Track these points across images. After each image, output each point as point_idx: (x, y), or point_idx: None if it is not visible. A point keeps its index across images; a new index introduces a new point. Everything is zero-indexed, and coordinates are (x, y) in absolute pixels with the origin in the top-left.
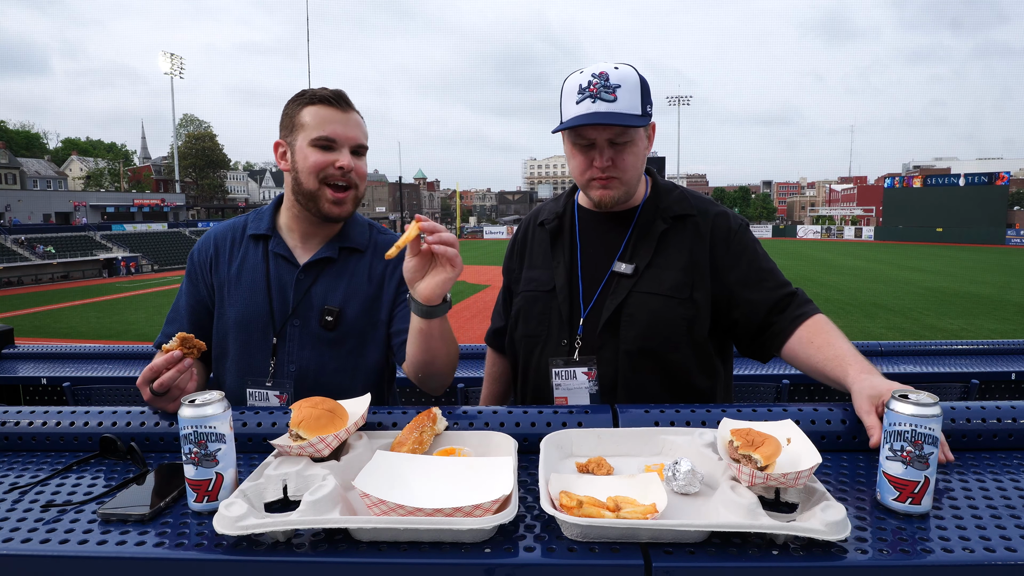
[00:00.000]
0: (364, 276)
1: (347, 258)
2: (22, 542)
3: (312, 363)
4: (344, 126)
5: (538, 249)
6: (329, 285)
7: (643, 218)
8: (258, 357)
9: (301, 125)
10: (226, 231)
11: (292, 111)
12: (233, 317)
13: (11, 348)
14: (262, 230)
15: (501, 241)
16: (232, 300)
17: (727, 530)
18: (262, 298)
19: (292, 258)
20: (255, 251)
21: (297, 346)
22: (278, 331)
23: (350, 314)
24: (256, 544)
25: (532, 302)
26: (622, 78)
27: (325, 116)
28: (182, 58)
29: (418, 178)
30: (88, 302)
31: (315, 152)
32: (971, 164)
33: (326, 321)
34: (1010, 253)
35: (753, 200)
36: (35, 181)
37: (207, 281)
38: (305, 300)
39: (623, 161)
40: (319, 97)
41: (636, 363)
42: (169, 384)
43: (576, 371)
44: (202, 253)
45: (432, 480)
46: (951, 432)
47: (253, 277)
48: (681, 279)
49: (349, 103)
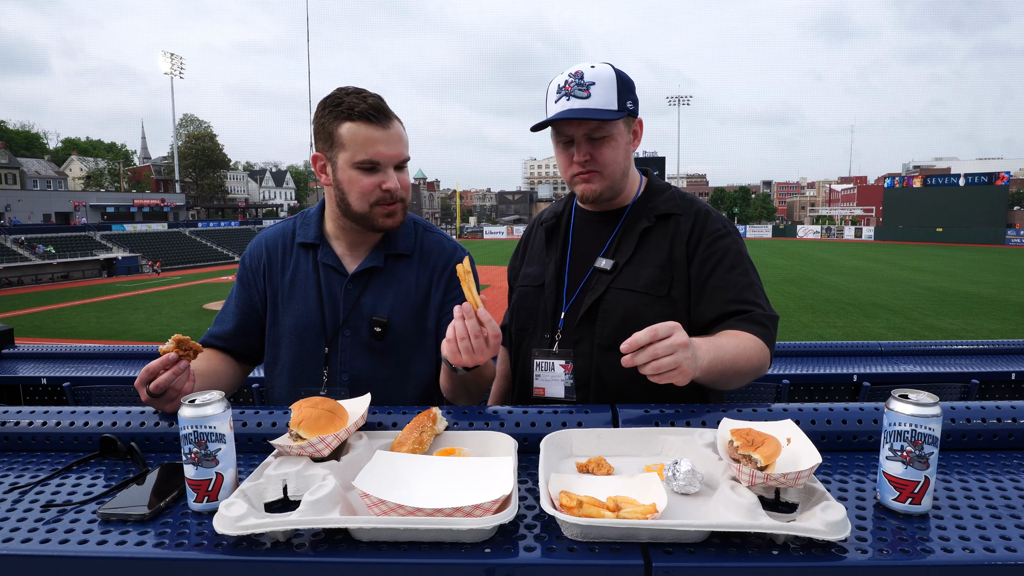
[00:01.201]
0: (411, 284)
1: (394, 265)
2: (22, 542)
3: (364, 372)
4: (387, 145)
5: (537, 246)
6: (377, 294)
7: (631, 216)
8: (311, 366)
9: (341, 143)
10: (276, 237)
11: (329, 124)
12: (288, 326)
13: (11, 348)
14: (310, 239)
15: (501, 241)
16: (287, 309)
17: (727, 530)
18: (314, 308)
19: (341, 267)
20: (306, 260)
21: (350, 355)
22: (330, 341)
23: (398, 324)
24: (256, 544)
25: (524, 297)
26: (596, 75)
27: (367, 136)
28: (182, 58)
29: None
30: (88, 302)
31: (360, 175)
32: (971, 164)
33: (375, 332)
34: (1010, 253)
35: (753, 200)
36: (35, 181)
37: (259, 288)
38: (355, 310)
39: (601, 155)
40: (358, 113)
41: (609, 358)
42: (165, 386)
43: (554, 363)
44: (254, 259)
45: (432, 480)
46: (951, 432)
47: (305, 287)
48: (658, 276)
49: (388, 115)
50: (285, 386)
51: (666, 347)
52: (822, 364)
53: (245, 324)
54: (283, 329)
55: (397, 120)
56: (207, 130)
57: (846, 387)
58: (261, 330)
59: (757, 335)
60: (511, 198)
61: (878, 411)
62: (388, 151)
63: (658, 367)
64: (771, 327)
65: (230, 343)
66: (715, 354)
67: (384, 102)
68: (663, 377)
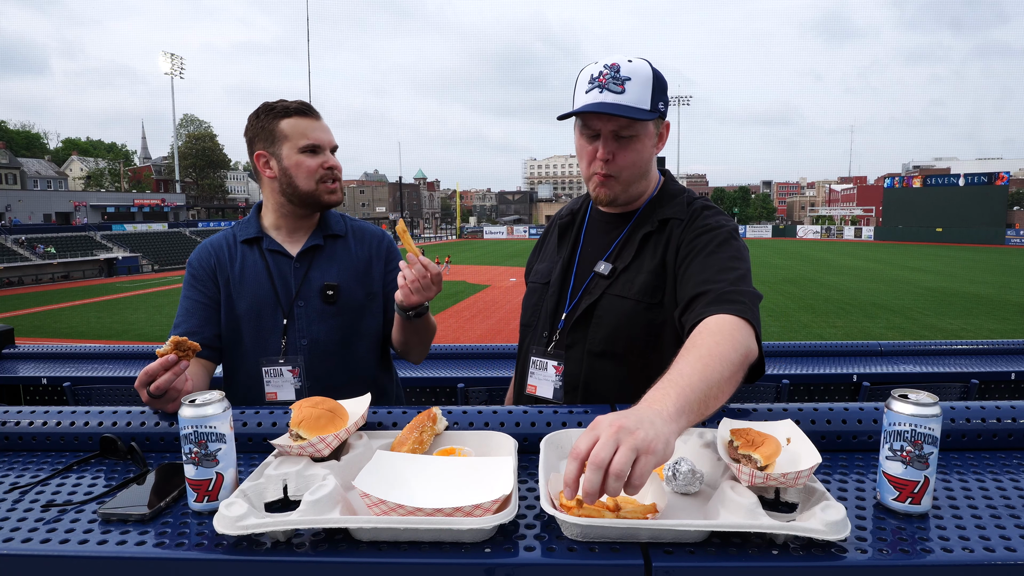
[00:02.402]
0: (351, 256)
1: (332, 244)
2: (22, 542)
3: (321, 335)
4: (323, 132)
5: (551, 244)
6: (323, 267)
7: (638, 221)
8: (270, 339)
9: (284, 135)
10: (219, 241)
11: (268, 124)
12: (244, 308)
13: (11, 348)
14: (252, 234)
15: (501, 241)
16: (240, 294)
17: (727, 530)
18: (267, 289)
19: (285, 251)
20: (251, 253)
21: (306, 322)
22: (287, 313)
23: (346, 288)
24: (256, 544)
25: (531, 293)
26: (633, 71)
27: (305, 126)
28: (182, 58)
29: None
30: (88, 302)
31: (305, 158)
32: (971, 164)
33: (327, 296)
34: (1010, 253)
35: (753, 200)
36: (35, 181)
37: (214, 281)
38: (305, 283)
39: (624, 156)
40: (294, 110)
41: (598, 364)
42: (165, 387)
43: (548, 363)
44: (203, 260)
45: (432, 480)
46: (951, 432)
47: (255, 272)
48: (651, 283)
49: (316, 111)
50: (250, 362)
51: (603, 446)
52: (822, 364)
53: (206, 315)
54: (239, 311)
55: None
56: (207, 130)
57: (846, 387)
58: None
59: (725, 313)
60: (511, 198)
61: (878, 411)
62: (324, 136)
63: (619, 471)
64: (747, 300)
65: (200, 337)
66: (678, 389)
67: (310, 104)
68: (636, 475)
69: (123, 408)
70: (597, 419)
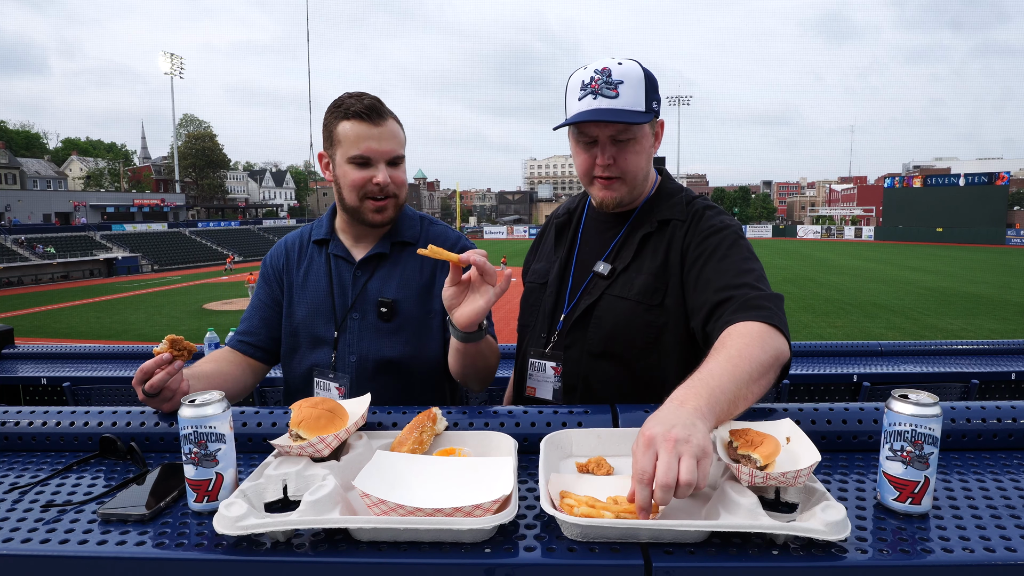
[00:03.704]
0: (416, 268)
1: (400, 252)
2: (22, 542)
3: (371, 353)
4: (378, 141)
5: (548, 243)
6: (383, 279)
7: (636, 221)
8: (323, 350)
9: (339, 140)
10: (295, 238)
11: (330, 123)
12: (301, 316)
13: (11, 348)
14: (322, 235)
15: (501, 241)
16: (300, 300)
17: (727, 530)
18: (324, 295)
19: (349, 257)
20: (319, 255)
21: (356, 338)
22: (339, 324)
23: (404, 304)
24: (256, 544)
25: (529, 293)
26: (625, 74)
27: (359, 133)
28: (182, 58)
29: (418, 178)
30: (88, 302)
31: (352, 170)
32: (971, 164)
33: (381, 312)
34: (1010, 253)
35: (753, 200)
36: (35, 181)
37: (280, 283)
38: (363, 294)
39: (625, 160)
40: (352, 112)
41: (597, 365)
42: (159, 386)
43: (546, 364)
44: (275, 259)
45: (432, 480)
46: (951, 432)
47: (317, 278)
48: (652, 284)
49: (382, 114)
50: (304, 371)
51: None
52: (822, 364)
53: (267, 317)
54: (297, 318)
55: (393, 119)
56: (207, 130)
57: (846, 387)
58: (281, 324)
59: (754, 319)
60: (511, 198)
61: (878, 411)
62: (379, 147)
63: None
64: (773, 306)
65: (255, 338)
66: (708, 389)
67: (381, 102)
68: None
69: (123, 408)
70: (648, 435)
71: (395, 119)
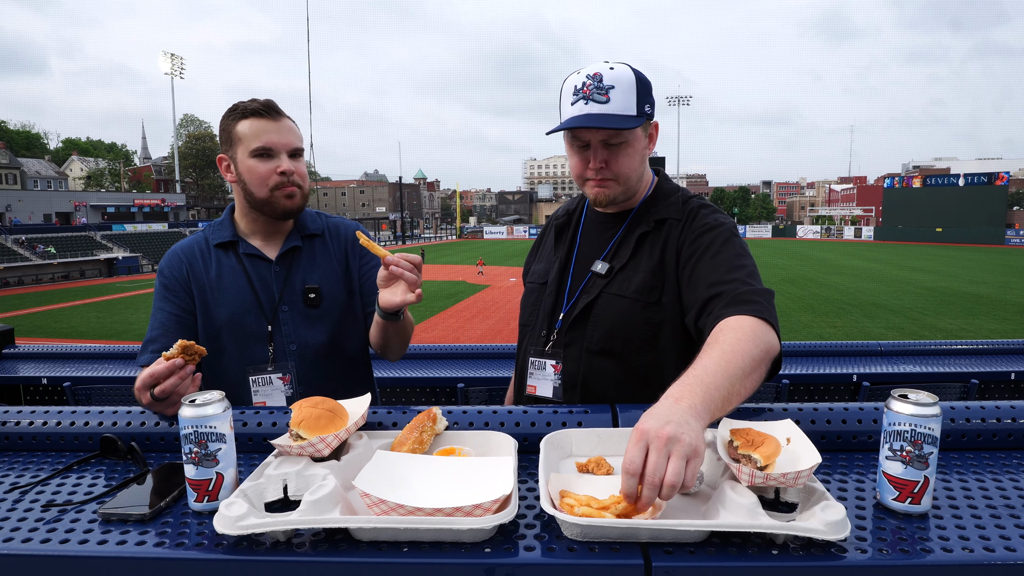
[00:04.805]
0: (329, 255)
1: (310, 244)
2: (22, 542)
3: (309, 338)
4: (278, 134)
5: (548, 244)
6: (305, 269)
7: (634, 220)
8: (256, 346)
9: (239, 138)
10: (190, 245)
11: (228, 126)
12: (224, 317)
13: (11, 348)
14: (227, 238)
15: (501, 241)
16: (218, 302)
17: (727, 530)
18: (248, 295)
19: (263, 255)
20: (227, 258)
21: (292, 327)
22: (271, 319)
23: (328, 289)
24: (256, 544)
25: (529, 293)
26: (616, 79)
27: (259, 127)
28: (182, 58)
29: (418, 178)
30: (88, 302)
31: (257, 163)
32: (971, 164)
33: (310, 299)
34: (1010, 253)
35: (753, 200)
36: (35, 181)
37: (187, 290)
38: (288, 287)
39: (617, 163)
40: (250, 110)
41: (597, 363)
42: (171, 390)
43: (546, 363)
44: (175, 269)
45: (432, 480)
46: (951, 432)
47: (233, 278)
48: (649, 282)
49: (279, 111)
50: (235, 373)
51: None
52: (822, 364)
53: (182, 328)
54: (219, 321)
55: (288, 118)
56: (207, 130)
57: (846, 387)
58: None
59: (744, 314)
60: (511, 198)
61: (878, 411)
62: (279, 139)
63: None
64: (763, 300)
65: None
66: (703, 386)
67: (275, 104)
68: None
69: (123, 408)
70: (641, 429)
71: (289, 118)
